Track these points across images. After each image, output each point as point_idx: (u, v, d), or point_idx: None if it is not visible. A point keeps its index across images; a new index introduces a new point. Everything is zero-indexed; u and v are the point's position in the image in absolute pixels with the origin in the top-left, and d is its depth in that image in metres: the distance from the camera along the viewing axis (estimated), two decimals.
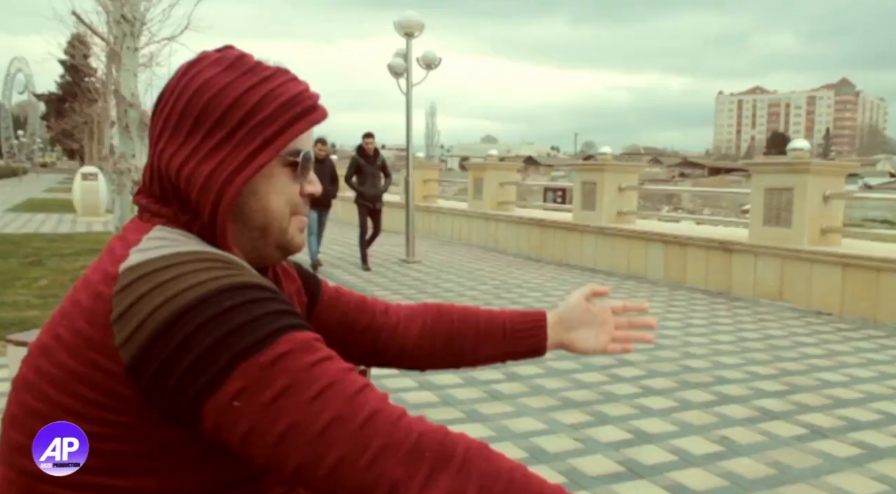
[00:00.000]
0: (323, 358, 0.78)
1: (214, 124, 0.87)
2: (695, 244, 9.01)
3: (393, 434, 0.75)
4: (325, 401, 0.75)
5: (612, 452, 3.58)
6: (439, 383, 4.70)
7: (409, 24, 10.78)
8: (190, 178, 0.87)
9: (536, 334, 1.28)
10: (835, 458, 3.61)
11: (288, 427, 0.74)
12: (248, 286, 0.79)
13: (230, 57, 0.92)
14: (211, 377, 0.74)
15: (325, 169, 9.50)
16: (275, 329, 0.77)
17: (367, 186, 9.94)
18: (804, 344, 6.05)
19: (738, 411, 4.27)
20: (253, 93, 0.88)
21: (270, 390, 0.74)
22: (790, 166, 8.13)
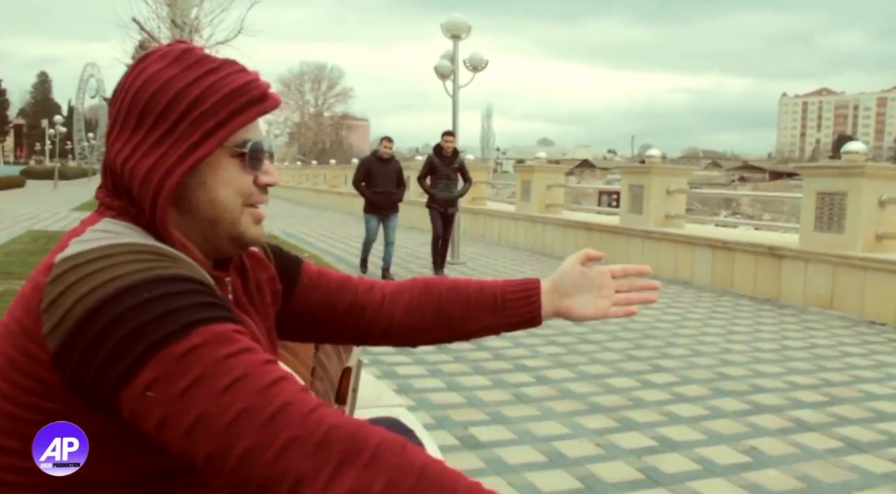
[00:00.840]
0: (239, 350, 0.78)
1: (158, 118, 0.89)
2: (742, 249, 8.79)
3: (303, 426, 0.75)
4: (236, 393, 0.75)
5: (634, 459, 3.51)
6: (467, 384, 4.69)
7: (456, 27, 10.82)
8: (133, 172, 0.90)
9: (530, 303, 1.25)
10: (869, 473, 3.47)
11: (198, 418, 0.75)
12: (172, 278, 0.81)
13: (176, 51, 0.94)
14: (126, 366, 0.76)
15: (389, 169, 8.99)
16: (192, 320, 0.78)
17: (440, 189, 9.14)
18: (851, 354, 5.84)
19: (771, 421, 4.14)
20: (195, 86, 0.90)
21: (183, 380, 0.75)
22: (844, 169, 7.86)
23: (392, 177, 8.95)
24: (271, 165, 1.00)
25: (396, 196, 9.06)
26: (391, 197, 9.05)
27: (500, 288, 1.27)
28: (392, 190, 8.97)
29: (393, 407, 3.09)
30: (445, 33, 10.79)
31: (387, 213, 9.06)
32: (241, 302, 1.06)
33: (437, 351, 5.52)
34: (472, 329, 1.26)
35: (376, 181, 8.91)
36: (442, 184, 9.13)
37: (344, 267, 10.11)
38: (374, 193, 8.93)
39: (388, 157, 8.97)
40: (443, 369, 5.05)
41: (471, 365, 5.18)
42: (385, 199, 8.99)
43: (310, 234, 15.75)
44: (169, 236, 0.91)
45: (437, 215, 9.21)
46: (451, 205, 9.24)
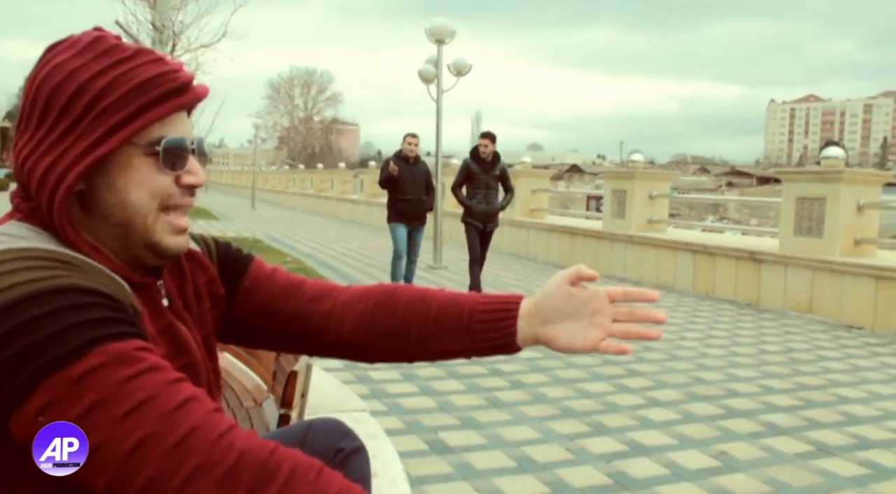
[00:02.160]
0: (142, 371, 0.73)
1: (60, 113, 0.82)
2: (724, 254, 8.81)
3: (211, 453, 0.71)
4: (138, 418, 0.71)
5: (603, 464, 3.50)
6: (440, 389, 4.67)
7: (440, 31, 10.81)
8: (31, 171, 0.84)
9: (503, 326, 1.05)
10: (837, 477, 3.46)
11: (96, 446, 0.70)
12: (66, 290, 0.74)
13: (85, 40, 0.87)
14: (15, 390, 0.70)
15: (417, 173, 7.74)
16: (88, 340, 0.72)
17: (478, 200, 7.69)
18: (827, 358, 5.85)
19: (743, 425, 4.13)
20: (101, 78, 0.83)
21: (78, 406, 0.70)
22: (823, 175, 7.90)
23: (421, 182, 7.76)
24: (198, 164, 0.92)
25: (427, 204, 7.86)
26: (421, 205, 7.79)
27: (469, 307, 1.07)
28: (422, 197, 7.77)
29: (356, 411, 3.08)
30: (429, 37, 10.79)
31: (415, 225, 7.85)
32: (175, 308, 0.98)
33: None
34: (433, 351, 1.09)
35: (403, 186, 7.64)
36: (480, 194, 7.68)
37: (329, 273, 10.10)
38: (402, 201, 7.66)
39: (414, 158, 7.78)
40: (417, 373, 5.02)
41: (446, 369, 5.16)
42: (414, 208, 7.73)
43: (295, 238, 15.71)
44: (73, 240, 0.84)
45: (475, 232, 7.77)
46: (491, 220, 7.79)
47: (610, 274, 10.53)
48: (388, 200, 7.92)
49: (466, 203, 7.70)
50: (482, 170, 7.68)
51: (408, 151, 7.75)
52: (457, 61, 11.23)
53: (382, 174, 7.73)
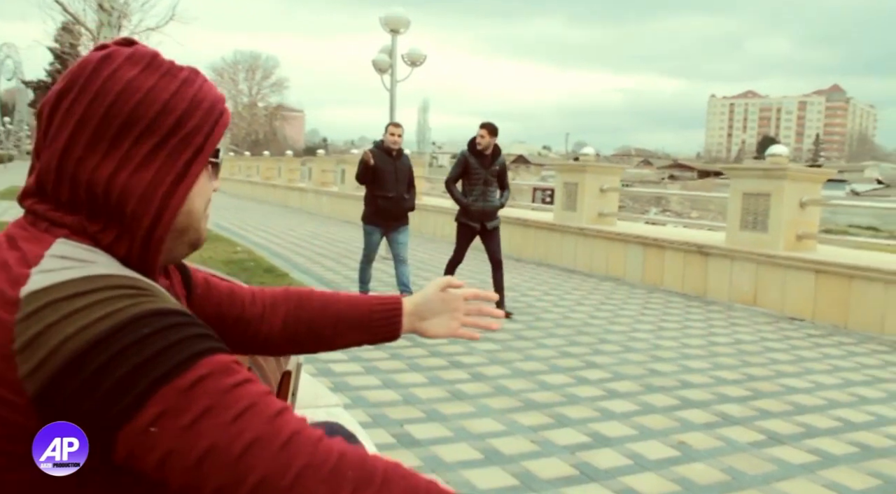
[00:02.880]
0: (242, 381, 0.77)
1: (144, 131, 0.84)
2: (673, 247, 9.03)
3: (315, 453, 0.75)
4: (246, 422, 0.74)
5: (568, 455, 3.58)
6: (403, 381, 4.69)
7: (395, 21, 10.77)
8: (125, 189, 0.84)
9: (393, 323, 1.34)
10: (788, 465, 3.62)
11: (208, 450, 0.73)
12: (162, 312, 0.78)
13: (144, 55, 0.88)
14: (127, 404, 0.72)
15: (400, 168, 6.90)
16: (193, 353, 0.76)
17: (476, 197, 6.95)
18: (773, 349, 6.08)
19: (699, 416, 4.28)
20: (180, 99, 0.87)
21: (190, 413, 0.73)
22: (768, 171, 8.16)
23: (404, 178, 6.90)
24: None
25: (408, 203, 6.99)
26: (402, 204, 6.94)
27: (367, 308, 1.33)
28: (404, 195, 6.93)
29: (330, 407, 3.07)
30: (384, 27, 10.73)
31: (395, 225, 6.98)
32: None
33: (375, 349, 5.50)
34: (339, 343, 1.34)
35: (384, 182, 6.79)
36: (478, 191, 6.95)
37: (281, 263, 9.99)
38: (381, 198, 6.83)
39: (397, 151, 6.91)
40: (379, 366, 5.03)
41: (406, 362, 5.18)
42: (395, 207, 6.87)
43: (243, 228, 15.46)
44: (157, 254, 0.89)
45: (468, 233, 7.09)
46: (490, 218, 7.05)
47: (560, 266, 10.69)
48: (366, 196, 7.03)
49: (463, 201, 6.96)
50: (481, 164, 6.92)
51: (390, 143, 6.87)
52: (411, 51, 11.21)
53: (360, 166, 6.86)
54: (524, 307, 7.46)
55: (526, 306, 7.52)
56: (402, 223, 7.03)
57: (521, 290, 8.54)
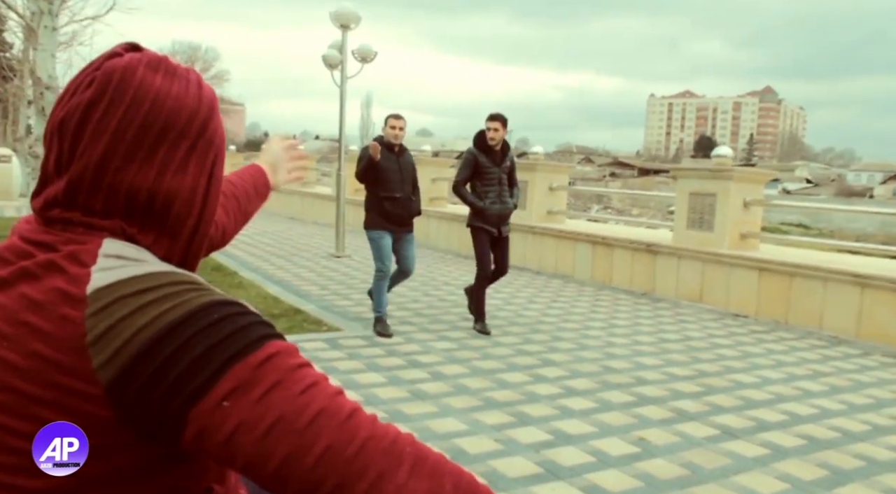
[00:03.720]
0: (305, 363, 0.82)
1: (178, 136, 0.89)
2: (621, 245, 9.20)
3: (375, 428, 0.79)
4: (312, 396, 0.78)
5: (532, 453, 3.62)
6: (363, 382, 4.67)
7: (346, 16, 10.65)
8: (169, 193, 0.88)
9: (267, 184, 1.61)
10: (743, 458, 3.74)
11: (277, 419, 0.76)
12: (228, 302, 0.83)
13: (159, 60, 0.91)
14: (202, 381, 0.76)
15: (404, 165, 6.15)
16: (262, 335, 0.81)
17: (492, 199, 6.22)
18: (720, 346, 6.26)
19: (655, 412, 4.38)
20: (200, 103, 0.91)
21: (261, 387, 0.77)
22: (713, 172, 8.38)
23: (409, 177, 6.16)
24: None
25: (416, 205, 6.24)
26: (410, 206, 6.15)
27: (251, 178, 1.58)
28: (411, 196, 6.18)
29: None
30: (334, 22, 10.61)
31: (401, 232, 6.15)
32: None
33: (331, 349, 5.46)
34: (250, 214, 1.57)
35: (388, 181, 6.01)
36: (493, 192, 6.23)
37: (226, 260, 9.81)
38: (388, 200, 6.01)
39: (399, 146, 6.16)
40: (337, 366, 5.00)
41: (365, 361, 5.16)
42: (403, 209, 6.09)
43: None
44: (198, 253, 0.95)
45: (486, 238, 6.28)
46: (506, 223, 6.37)
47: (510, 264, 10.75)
48: (367, 199, 6.20)
49: (477, 204, 6.19)
50: (493, 162, 6.21)
51: (391, 137, 6.07)
52: (362, 47, 11.12)
53: (360, 163, 6.00)
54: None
55: None
56: (408, 229, 6.19)
57: None
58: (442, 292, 8.19)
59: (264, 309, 6.57)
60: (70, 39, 12.97)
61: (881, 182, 75.73)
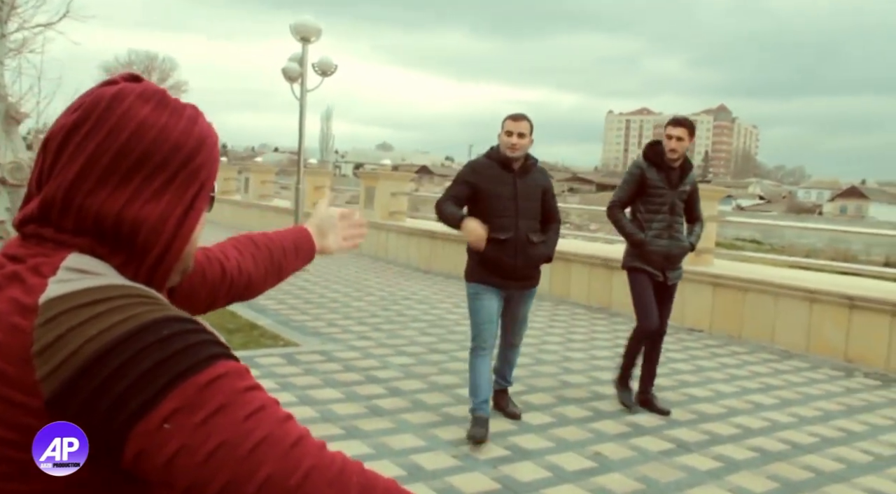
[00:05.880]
0: (254, 386, 0.80)
1: (157, 167, 0.89)
2: (579, 260, 9.30)
3: (321, 457, 0.77)
4: (257, 421, 0.76)
5: (490, 469, 3.62)
6: (320, 398, 4.62)
7: (306, 29, 10.62)
8: (136, 220, 0.88)
9: (311, 246, 1.55)
10: (697, 471, 3.79)
11: (219, 444, 0.74)
12: (180, 318, 0.82)
13: (155, 93, 0.92)
14: (145, 399, 0.74)
15: (526, 190, 4.20)
16: (212, 354, 0.79)
17: (657, 231, 4.69)
18: (675, 360, 6.35)
19: (611, 426, 4.42)
20: (188, 137, 0.92)
21: (204, 410, 0.75)
22: None
23: (532, 208, 4.21)
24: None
25: (541, 250, 4.24)
26: (529, 251, 4.16)
27: (293, 238, 1.53)
28: (530, 234, 4.17)
29: None
30: (294, 35, 10.56)
31: (516, 287, 4.25)
32: None
33: (287, 363, 5.40)
34: (287, 272, 1.51)
35: (492, 214, 4.09)
36: (661, 222, 4.70)
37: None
38: (492, 242, 4.04)
39: (521, 163, 4.21)
40: (294, 382, 4.94)
41: (322, 377, 5.11)
42: (514, 257, 4.11)
43: None
44: (162, 284, 0.93)
45: (648, 282, 4.75)
46: (675, 266, 4.82)
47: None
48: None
49: (636, 236, 4.68)
50: (667, 181, 4.71)
51: (507, 149, 4.15)
52: (322, 60, 11.09)
53: (449, 220, 4.18)
54: (436, 319, 7.50)
55: (438, 319, 7.55)
56: (528, 284, 4.29)
57: (431, 303, 8.58)
58: (400, 307, 8.16)
59: (220, 324, 6.47)
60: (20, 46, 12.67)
61: (829, 199, 78.07)
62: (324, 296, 8.58)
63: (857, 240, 28.88)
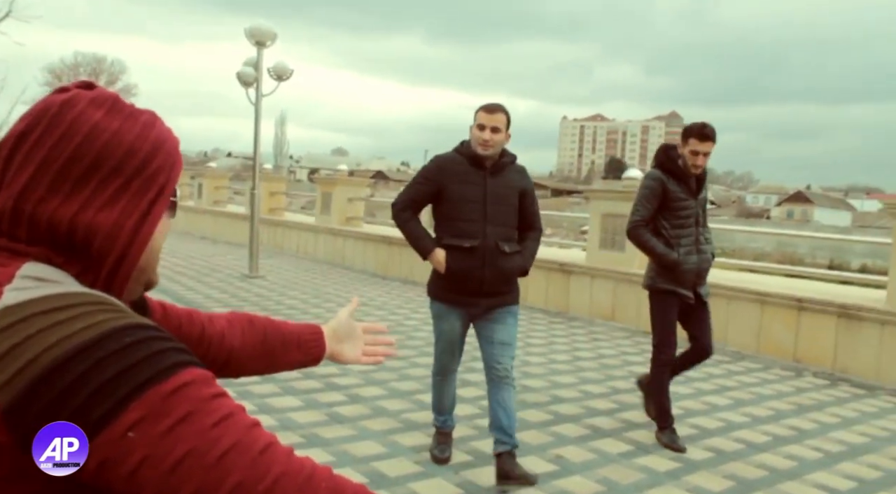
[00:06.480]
0: (221, 393, 0.79)
1: (110, 173, 0.86)
2: (536, 265, 9.27)
3: (290, 463, 0.76)
4: (225, 429, 0.75)
5: (452, 475, 3.62)
6: (279, 406, 4.57)
7: (261, 33, 10.52)
8: (90, 228, 0.85)
9: (320, 345, 1.43)
10: (656, 472, 3.85)
11: (186, 453, 0.73)
12: (143, 326, 0.80)
13: (107, 98, 0.90)
14: (108, 408, 0.72)
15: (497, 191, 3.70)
16: (177, 362, 0.77)
17: (687, 248, 4.29)
18: (632, 362, 6.44)
19: (571, 430, 4.45)
20: (143, 141, 0.90)
21: (170, 418, 0.73)
22: (624, 193, 8.65)
23: (507, 212, 3.70)
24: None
25: (515, 261, 3.74)
26: (499, 262, 3.63)
27: (299, 331, 1.42)
28: (502, 242, 3.64)
29: None
30: (249, 39, 10.45)
31: (486, 305, 3.71)
32: None
33: None
34: (283, 363, 1.40)
35: (458, 218, 3.64)
36: (689, 236, 4.32)
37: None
38: (454, 251, 3.63)
39: (493, 160, 3.67)
40: (252, 390, 4.87)
41: (280, 385, 5.05)
42: (482, 268, 3.61)
43: None
44: (120, 293, 0.89)
45: (676, 305, 4.40)
46: (703, 281, 4.45)
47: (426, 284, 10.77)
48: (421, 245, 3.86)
49: (670, 258, 4.24)
50: (687, 191, 4.31)
51: (479, 146, 3.61)
52: (278, 65, 10.99)
53: (410, 238, 3.90)
54: (394, 325, 7.47)
55: (396, 325, 7.53)
56: (500, 301, 3.72)
57: (389, 308, 8.55)
58: (359, 313, 8.11)
59: None
60: None
61: (777, 204, 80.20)
62: (281, 303, 8.48)
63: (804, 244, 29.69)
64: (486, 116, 3.62)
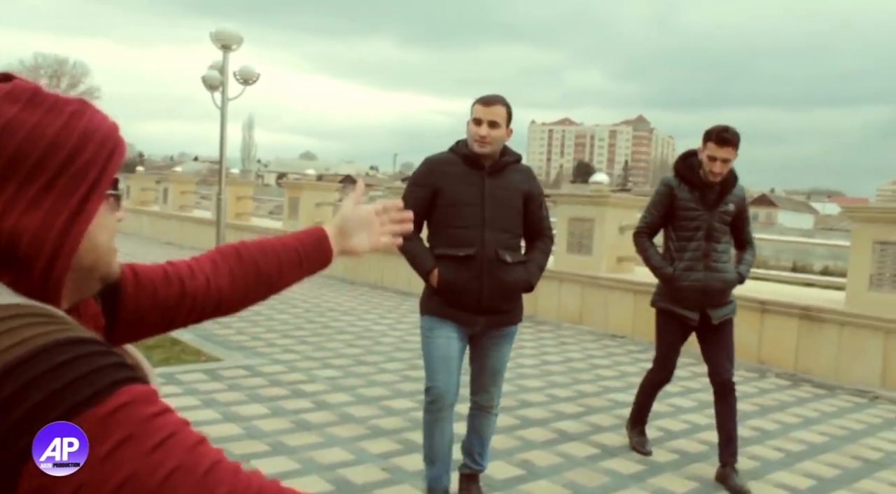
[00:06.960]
0: (162, 411, 0.75)
1: (31, 171, 0.80)
2: None
3: (236, 483, 0.73)
4: (167, 451, 0.71)
5: (419, 481, 3.61)
6: (245, 414, 4.52)
7: (227, 37, 10.41)
8: (14, 233, 0.79)
9: (325, 251, 1.38)
10: (621, 475, 3.88)
11: (126, 479, 0.69)
12: (79, 341, 0.74)
13: (25, 91, 0.83)
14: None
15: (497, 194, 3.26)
16: (113, 380, 0.72)
17: (688, 262, 3.95)
18: (599, 366, 6.49)
19: (538, 434, 4.47)
20: (68, 134, 0.83)
21: (108, 442, 0.69)
22: (592, 198, 8.74)
23: (508, 212, 3.27)
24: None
25: (519, 273, 3.29)
26: (500, 274, 3.21)
27: (299, 244, 1.36)
28: (501, 250, 3.21)
29: None
30: (215, 43, 10.34)
31: (487, 323, 3.33)
32: None
33: (211, 380, 5.25)
34: (284, 283, 1.36)
35: (454, 223, 3.23)
36: (693, 250, 3.95)
37: None
38: (448, 260, 3.22)
39: (492, 160, 3.25)
40: (217, 398, 4.82)
41: (246, 392, 5.00)
42: (480, 279, 3.20)
43: None
44: (58, 295, 0.84)
45: (677, 329, 4.13)
46: (716, 302, 4.04)
47: (395, 288, 10.77)
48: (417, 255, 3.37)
49: (664, 271, 4.00)
50: (700, 201, 3.94)
51: (476, 143, 3.21)
52: (244, 69, 10.90)
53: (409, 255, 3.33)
54: (362, 331, 7.45)
55: (364, 330, 7.50)
56: (500, 320, 3.34)
57: (357, 314, 8.52)
58: (326, 319, 8.07)
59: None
60: None
61: None
62: (247, 309, 8.38)
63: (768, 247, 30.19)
64: (483, 109, 3.17)
